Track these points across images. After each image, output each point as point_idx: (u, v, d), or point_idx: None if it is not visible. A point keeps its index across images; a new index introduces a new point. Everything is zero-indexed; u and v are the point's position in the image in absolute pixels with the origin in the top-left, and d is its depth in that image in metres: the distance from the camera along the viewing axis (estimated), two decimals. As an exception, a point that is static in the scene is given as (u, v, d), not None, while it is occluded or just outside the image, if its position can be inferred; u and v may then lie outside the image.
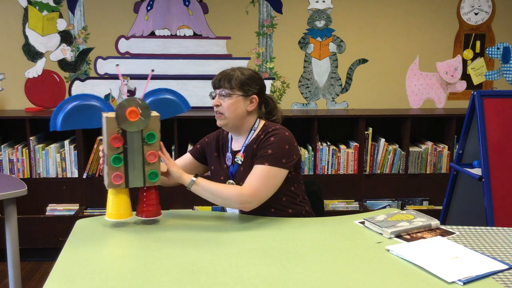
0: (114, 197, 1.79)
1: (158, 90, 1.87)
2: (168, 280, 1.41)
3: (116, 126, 1.72)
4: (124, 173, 1.75)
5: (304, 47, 3.85)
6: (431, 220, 1.85)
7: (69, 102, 1.75)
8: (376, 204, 3.69)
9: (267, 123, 2.07)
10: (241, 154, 2.03)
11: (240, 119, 2.02)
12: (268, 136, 1.97)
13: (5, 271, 3.11)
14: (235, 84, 1.98)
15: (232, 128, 2.05)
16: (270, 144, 1.94)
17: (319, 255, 1.60)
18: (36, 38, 3.70)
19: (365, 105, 3.94)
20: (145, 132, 1.75)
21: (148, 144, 1.76)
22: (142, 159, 1.76)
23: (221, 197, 1.88)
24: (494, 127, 2.73)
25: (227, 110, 1.99)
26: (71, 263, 1.53)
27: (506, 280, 1.44)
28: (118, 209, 1.79)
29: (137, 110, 1.71)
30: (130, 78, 3.78)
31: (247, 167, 1.99)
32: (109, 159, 1.72)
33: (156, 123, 1.77)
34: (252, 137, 2.04)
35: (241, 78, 1.99)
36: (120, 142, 1.73)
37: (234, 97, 1.98)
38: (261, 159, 1.93)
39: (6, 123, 3.67)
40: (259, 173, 1.90)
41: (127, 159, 1.75)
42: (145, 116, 1.73)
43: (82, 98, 1.77)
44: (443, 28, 3.90)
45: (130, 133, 1.73)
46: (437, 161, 3.70)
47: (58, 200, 3.55)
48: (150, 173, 1.78)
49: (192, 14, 3.76)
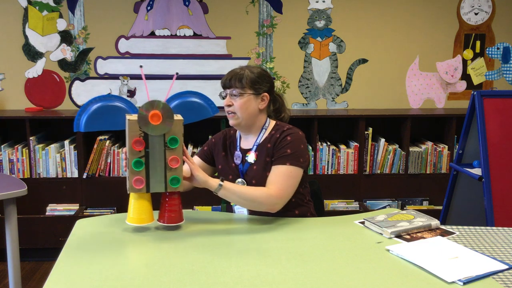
0: (135, 202, 1.76)
1: (184, 93, 1.83)
2: (168, 280, 1.41)
3: (138, 129, 1.68)
4: (145, 178, 1.71)
5: (304, 47, 3.85)
6: (431, 220, 1.85)
7: (93, 103, 1.72)
8: (376, 204, 3.69)
9: (278, 123, 2.07)
10: (253, 153, 2.02)
11: (252, 117, 2.02)
12: (284, 135, 1.98)
13: (5, 271, 3.11)
14: (246, 83, 1.97)
15: (244, 127, 2.04)
16: (288, 143, 1.95)
17: (319, 255, 1.60)
18: (36, 38, 3.70)
19: (365, 105, 3.94)
20: (168, 136, 1.71)
21: (171, 149, 1.72)
22: (164, 164, 1.72)
23: (250, 200, 1.86)
24: (494, 127, 2.73)
25: (239, 109, 1.98)
26: (71, 263, 1.53)
27: (506, 280, 1.44)
28: (139, 213, 1.75)
29: (159, 114, 1.67)
30: (130, 78, 3.78)
31: (261, 166, 1.99)
32: (130, 162, 1.69)
33: (179, 127, 1.72)
34: (264, 136, 2.04)
35: (251, 77, 1.98)
36: (142, 146, 1.69)
37: (245, 96, 1.98)
38: (282, 159, 1.93)
39: (6, 123, 3.67)
40: (283, 173, 1.91)
41: (149, 164, 1.71)
42: (168, 120, 1.69)
43: (106, 99, 1.74)
44: (443, 28, 3.90)
45: (152, 137, 1.69)
46: (437, 161, 3.70)
47: (58, 200, 3.55)
48: (171, 179, 1.73)
49: (192, 14, 3.76)
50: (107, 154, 3.53)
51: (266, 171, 1.98)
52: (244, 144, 2.09)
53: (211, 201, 3.53)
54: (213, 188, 1.82)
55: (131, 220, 1.77)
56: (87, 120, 1.71)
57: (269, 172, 1.97)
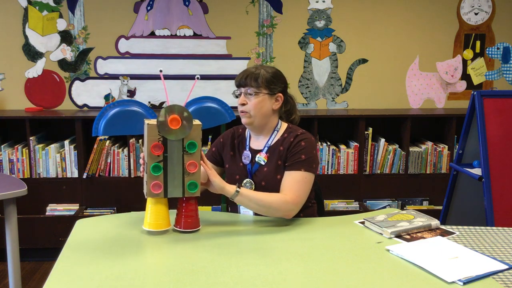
0: (153, 207, 1.74)
1: (201, 98, 1.83)
2: (168, 280, 1.41)
3: (157, 134, 1.67)
4: (163, 183, 1.71)
5: (304, 47, 3.85)
6: (431, 220, 1.85)
7: (111, 108, 1.72)
8: (376, 204, 3.69)
9: (290, 125, 2.07)
10: (264, 155, 2.01)
11: (266, 117, 2.01)
12: (298, 140, 1.97)
13: (5, 271, 3.11)
14: (261, 83, 1.97)
15: (257, 127, 2.03)
16: (303, 149, 1.95)
17: (319, 255, 1.60)
18: (36, 38, 3.70)
19: (365, 105, 3.94)
20: (186, 141, 1.70)
21: (189, 154, 1.71)
22: (182, 168, 1.71)
23: (266, 207, 1.87)
24: (494, 127, 2.73)
25: (254, 108, 1.97)
26: (71, 263, 1.53)
27: (506, 280, 1.44)
28: (156, 219, 1.74)
29: (179, 118, 1.67)
30: (130, 78, 3.78)
31: (272, 168, 1.98)
32: (148, 167, 1.68)
33: (197, 132, 1.71)
34: (275, 138, 2.03)
35: (267, 77, 1.97)
36: (160, 150, 1.68)
37: (260, 95, 1.97)
38: (296, 165, 1.93)
39: (6, 123, 3.67)
40: (298, 180, 1.92)
41: (167, 168, 1.70)
42: (187, 125, 1.69)
43: (124, 104, 1.74)
44: (443, 28, 3.90)
45: (170, 142, 1.69)
46: (437, 161, 3.70)
47: (58, 200, 3.55)
48: (189, 184, 1.72)
49: (192, 14, 3.76)
50: (107, 154, 3.53)
51: (277, 174, 1.98)
52: (254, 144, 2.07)
53: (211, 201, 3.53)
54: (230, 195, 1.82)
55: (148, 226, 1.75)
56: (106, 125, 1.72)
57: (279, 175, 1.97)
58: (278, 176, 1.98)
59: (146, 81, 3.78)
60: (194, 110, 1.80)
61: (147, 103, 3.80)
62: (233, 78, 3.79)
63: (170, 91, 3.79)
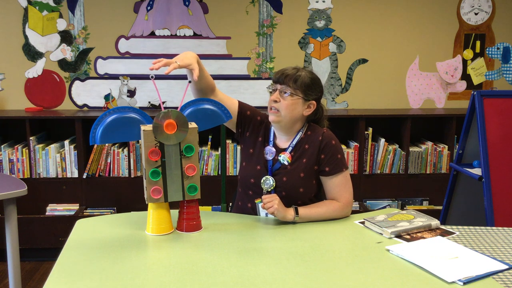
0: (154, 212, 1.75)
1: (197, 100, 1.83)
2: (168, 280, 1.41)
3: (154, 139, 1.68)
4: (163, 187, 1.71)
5: (304, 47, 3.85)
6: (431, 220, 1.85)
7: (108, 115, 1.72)
8: (376, 204, 3.69)
9: (311, 123, 2.06)
10: (288, 155, 1.99)
11: (294, 121, 1.99)
12: (328, 139, 1.99)
13: (5, 271, 3.11)
14: (299, 85, 1.95)
15: (283, 127, 2.01)
16: (335, 148, 1.99)
17: (319, 255, 1.60)
18: (36, 38, 3.70)
19: (365, 105, 3.94)
20: (183, 145, 1.71)
21: (187, 157, 1.71)
22: (181, 172, 1.72)
23: (328, 218, 1.94)
24: (494, 127, 2.73)
25: (285, 108, 1.95)
26: (71, 263, 1.53)
27: (506, 280, 1.44)
28: (159, 223, 1.75)
29: (174, 123, 1.67)
30: (130, 78, 3.78)
31: (295, 166, 1.98)
32: (147, 173, 1.69)
33: (194, 135, 1.72)
34: (299, 136, 2.02)
35: (306, 81, 1.96)
36: (158, 156, 1.68)
37: (295, 97, 1.95)
38: (338, 167, 1.98)
39: (6, 123, 3.67)
40: (344, 182, 2.00)
41: (166, 173, 1.71)
42: (183, 129, 1.69)
43: (121, 111, 1.73)
44: (443, 28, 3.90)
45: (167, 146, 1.69)
46: (437, 161, 3.70)
47: (58, 200, 3.55)
48: (189, 187, 1.73)
49: (192, 14, 3.76)
50: (107, 154, 3.53)
51: (300, 172, 1.97)
52: (280, 142, 2.05)
53: (211, 201, 3.53)
54: (291, 220, 1.88)
55: (151, 230, 1.76)
56: (103, 133, 1.71)
57: (303, 173, 1.97)
58: (301, 174, 1.97)
59: (146, 81, 3.78)
60: (191, 112, 1.80)
61: (147, 103, 3.81)
62: (233, 78, 3.83)
63: (170, 91, 3.79)
